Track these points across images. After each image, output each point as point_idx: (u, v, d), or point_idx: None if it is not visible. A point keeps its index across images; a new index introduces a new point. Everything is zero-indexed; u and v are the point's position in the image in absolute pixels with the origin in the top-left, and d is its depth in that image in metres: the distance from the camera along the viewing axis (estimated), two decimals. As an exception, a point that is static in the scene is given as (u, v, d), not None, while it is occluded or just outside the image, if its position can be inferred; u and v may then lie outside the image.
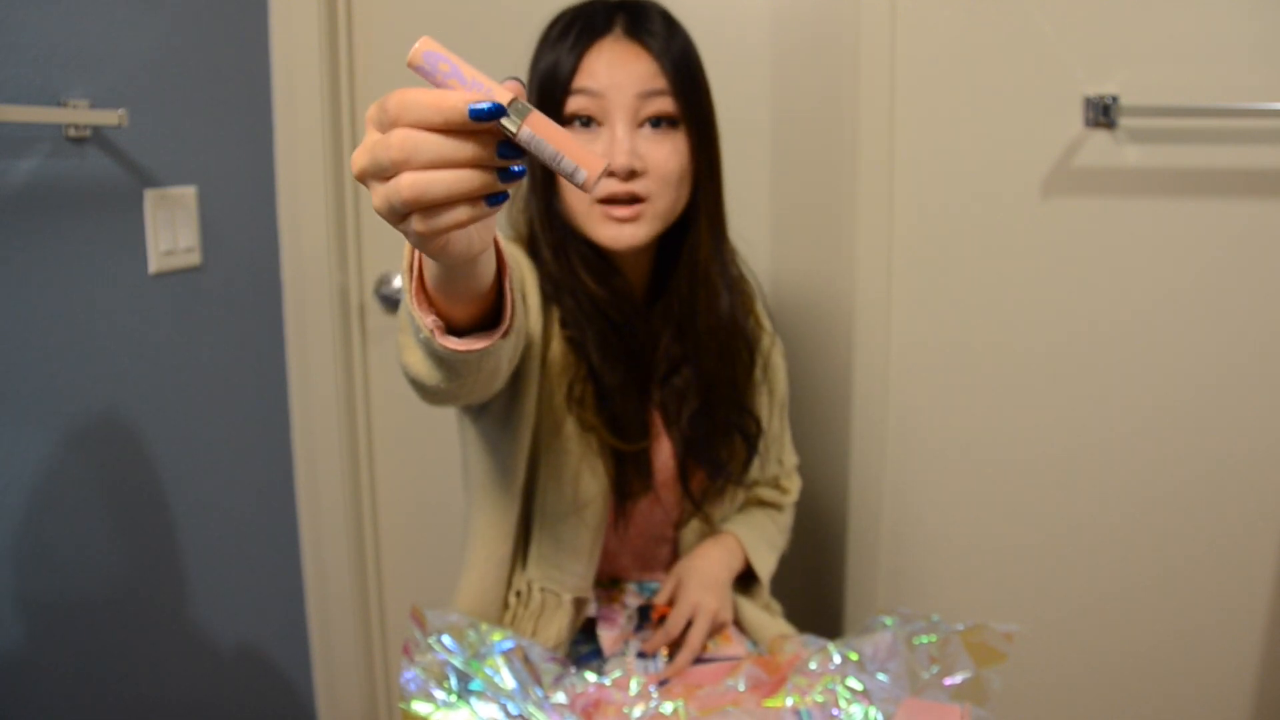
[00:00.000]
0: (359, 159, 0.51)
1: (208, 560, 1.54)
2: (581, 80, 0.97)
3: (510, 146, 0.51)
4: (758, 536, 1.18)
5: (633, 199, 0.98)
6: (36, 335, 1.24)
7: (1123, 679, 1.55)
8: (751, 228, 1.58)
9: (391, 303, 1.71)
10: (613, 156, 0.96)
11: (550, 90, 0.99)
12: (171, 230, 1.43)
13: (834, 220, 1.54)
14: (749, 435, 1.13)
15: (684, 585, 1.08)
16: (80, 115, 1.25)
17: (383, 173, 0.50)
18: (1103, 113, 1.37)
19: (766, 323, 1.22)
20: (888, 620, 0.96)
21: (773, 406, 1.22)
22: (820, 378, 1.58)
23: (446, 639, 0.85)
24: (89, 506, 1.32)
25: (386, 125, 0.50)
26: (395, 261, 1.71)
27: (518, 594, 1.09)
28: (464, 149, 0.49)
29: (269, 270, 1.66)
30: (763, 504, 1.25)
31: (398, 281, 1.70)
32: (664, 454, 1.12)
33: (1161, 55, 1.37)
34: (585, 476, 1.06)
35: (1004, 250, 1.48)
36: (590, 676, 0.95)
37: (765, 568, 1.16)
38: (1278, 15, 1.33)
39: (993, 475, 1.55)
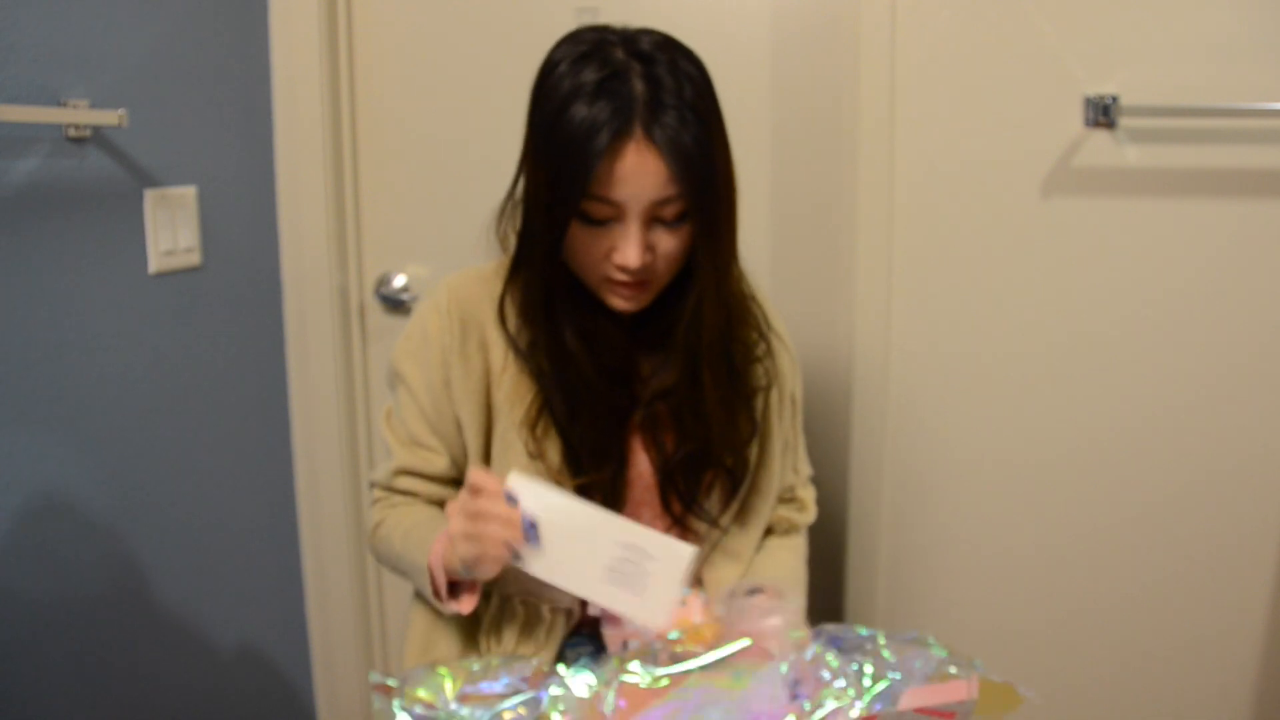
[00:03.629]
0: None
1: (208, 560, 1.54)
2: (600, 188, 0.95)
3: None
4: (789, 582, 1.17)
5: (640, 282, 1.02)
6: (37, 335, 1.23)
7: (1123, 679, 1.55)
8: (751, 228, 1.57)
9: (391, 302, 1.71)
10: (626, 257, 0.97)
11: (565, 190, 0.96)
12: (171, 230, 1.43)
13: (834, 220, 1.54)
14: (736, 478, 1.13)
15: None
16: (80, 115, 1.25)
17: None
18: (1103, 113, 1.37)
19: (780, 327, 1.20)
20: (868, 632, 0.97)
21: (794, 414, 1.21)
22: (820, 378, 1.58)
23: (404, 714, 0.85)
24: (89, 506, 1.32)
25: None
26: (395, 261, 1.71)
27: (485, 597, 1.09)
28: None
29: (269, 270, 1.66)
30: (783, 532, 1.23)
31: (397, 281, 1.70)
32: (642, 468, 1.12)
33: (1161, 55, 1.37)
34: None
35: (1004, 250, 1.48)
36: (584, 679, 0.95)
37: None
38: (1278, 15, 1.33)
39: (992, 475, 1.55)
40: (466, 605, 1.02)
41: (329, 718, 1.81)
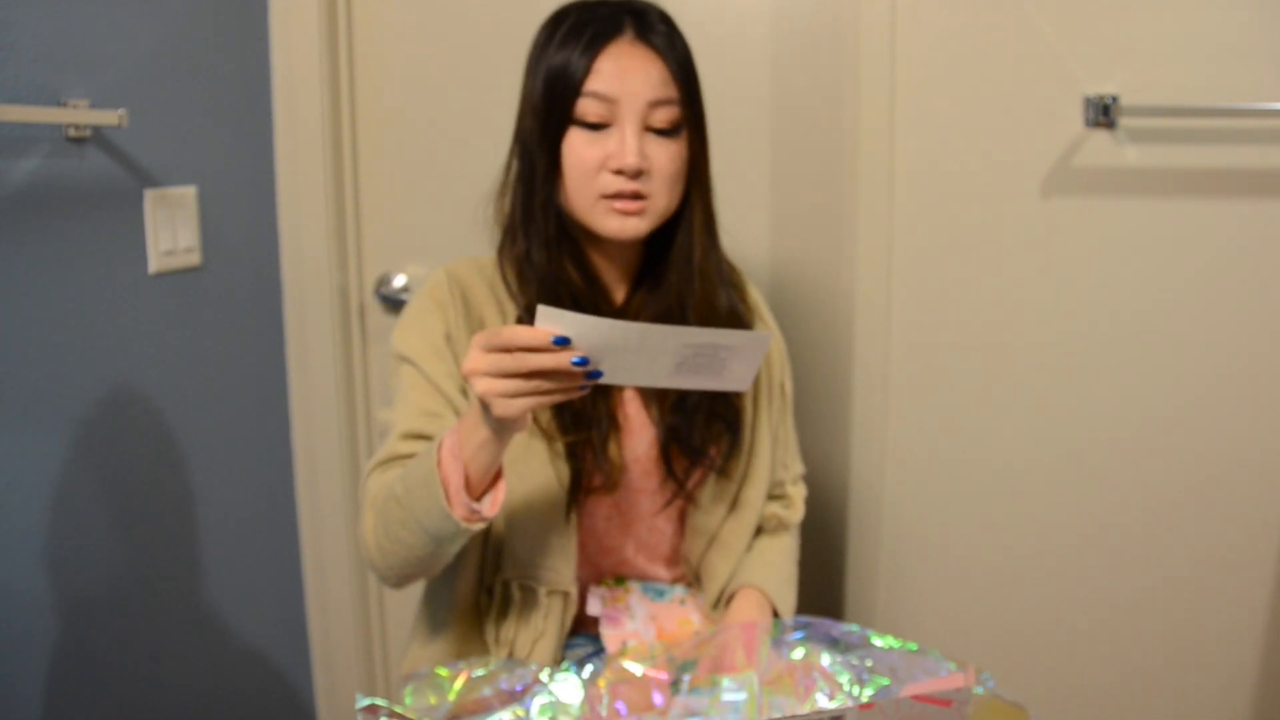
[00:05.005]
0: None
1: (208, 560, 1.54)
2: (594, 84, 1.00)
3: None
4: (778, 581, 1.18)
5: (636, 195, 1.02)
6: (37, 335, 1.24)
7: (1123, 678, 1.55)
8: (751, 227, 1.58)
9: (391, 302, 1.71)
10: (623, 157, 1.00)
11: (561, 91, 1.02)
12: (171, 230, 1.43)
13: (834, 220, 1.55)
14: (732, 423, 1.13)
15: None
16: (80, 115, 1.25)
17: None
18: (1103, 113, 1.37)
19: (769, 318, 1.23)
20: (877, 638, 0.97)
21: (784, 406, 1.22)
22: (820, 377, 1.58)
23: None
24: (89, 506, 1.32)
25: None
26: (395, 261, 1.71)
27: (488, 591, 1.09)
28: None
29: (269, 270, 1.66)
30: (772, 531, 1.23)
31: (397, 281, 1.70)
32: (645, 443, 1.12)
33: (1161, 55, 1.37)
34: (533, 467, 1.06)
35: (1004, 250, 1.48)
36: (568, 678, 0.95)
37: (788, 611, 1.17)
38: (1278, 15, 1.33)
39: (992, 474, 1.55)
40: (490, 507, 0.92)
41: (329, 718, 1.81)
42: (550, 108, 1.02)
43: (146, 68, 1.38)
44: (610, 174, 1.01)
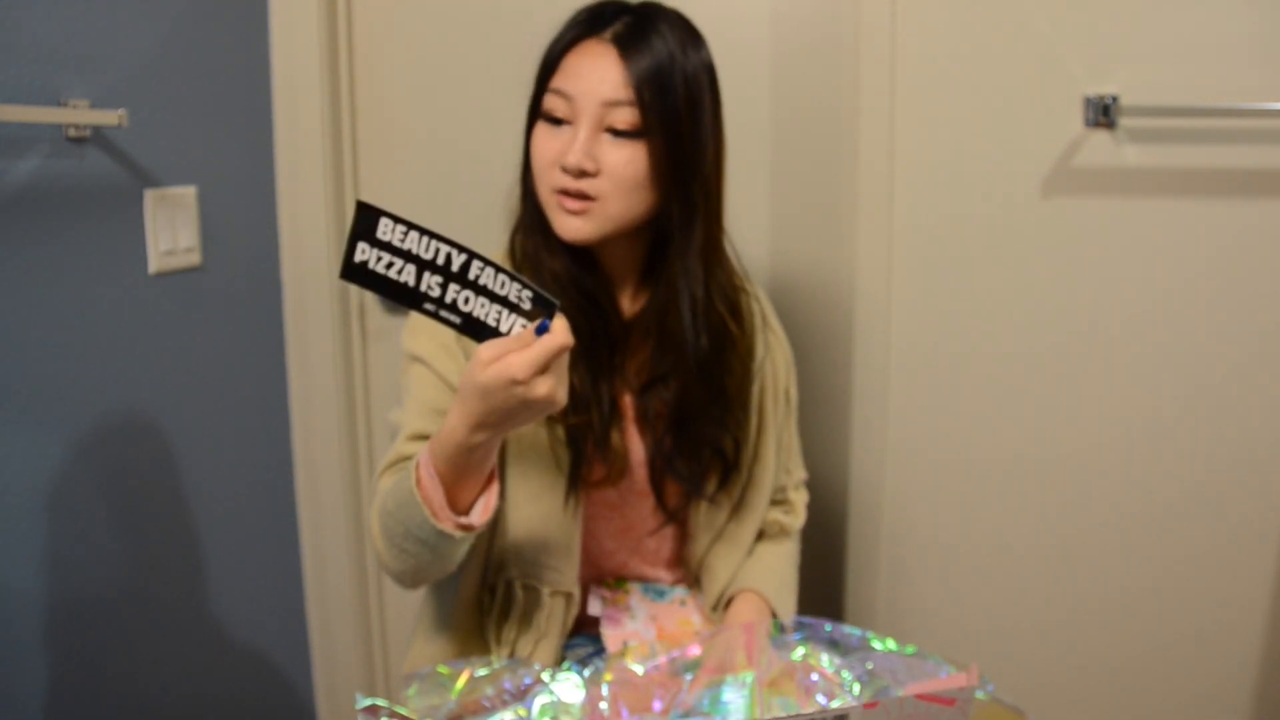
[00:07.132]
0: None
1: (207, 560, 1.54)
2: (558, 81, 1.02)
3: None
4: (778, 586, 1.18)
5: (582, 195, 1.01)
6: (37, 335, 1.23)
7: (1124, 678, 1.55)
8: (751, 228, 1.58)
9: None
10: (568, 155, 1.00)
11: (537, 85, 1.06)
12: (171, 230, 1.43)
13: (834, 220, 1.54)
14: (725, 454, 1.13)
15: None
16: (80, 115, 1.25)
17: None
18: (1103, 113, 1.38)
19: (777, 326, 1.22)
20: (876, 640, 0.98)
21: (789, 412, 1.21)
22: (820, 377, 1.58)
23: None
24: (89, 506, 1.32)
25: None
26: (395, 261, 1.71)
27: (490, 590, 1.09)
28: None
29: (269, 270, 1.66)
30: (774, 536, 1.23)
31: (398, 281, 1.70)
32: (642, 456, 1.12)
33: (1161, 55, 1.37)
34: (539, 462, 1.06)
35: (1004, 250, 1.48)
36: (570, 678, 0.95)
37: (787, 616, 1.16)
38: (1278, 15, 1.33)
39: (992, 474, 1.55)
40: (482, 514, 0.92)
41: (329, 718, 1.81)
42: (531, 101, 1.06)
43: (146, 68, 1.38)
44: (559, 170, 1.01)
